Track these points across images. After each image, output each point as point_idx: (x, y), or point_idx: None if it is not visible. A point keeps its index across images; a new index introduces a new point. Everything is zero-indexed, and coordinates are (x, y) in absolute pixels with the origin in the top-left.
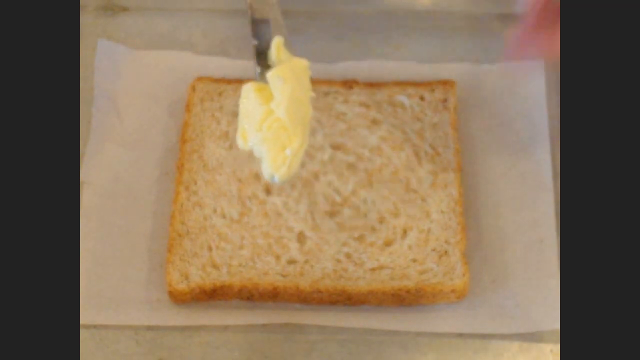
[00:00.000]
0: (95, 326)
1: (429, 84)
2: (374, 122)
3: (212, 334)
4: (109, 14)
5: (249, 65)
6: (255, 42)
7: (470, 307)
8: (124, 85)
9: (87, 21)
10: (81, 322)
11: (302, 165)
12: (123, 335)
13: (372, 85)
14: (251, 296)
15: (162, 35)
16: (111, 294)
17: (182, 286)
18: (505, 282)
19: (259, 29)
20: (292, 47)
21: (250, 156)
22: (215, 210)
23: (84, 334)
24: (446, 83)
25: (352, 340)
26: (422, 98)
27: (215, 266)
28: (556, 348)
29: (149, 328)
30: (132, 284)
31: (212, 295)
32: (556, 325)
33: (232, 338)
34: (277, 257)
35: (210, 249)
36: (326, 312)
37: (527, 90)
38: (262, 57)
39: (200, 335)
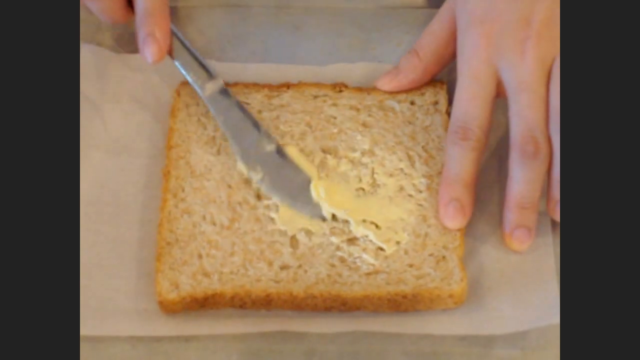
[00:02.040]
0: (84, 337)
1: (419, 88)
2: (365, 125)
3: (209, 339)
4: None
5: (236, 66)
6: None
7: (468, 311)
8: (108, 90)
9: (85, 16)
10: None
11: None
12: (119, 340)
13: (362, 90)
14: (244, 304)
15: None
16: (99, 304)
17: (172, 295)
18: (502, 287)
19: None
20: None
21: (237, 162)
22: (204, 217)
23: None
24: (436, 85)
25: (352, 347)
26: (412, 103)
27: (206, 274)
28: (558, 356)
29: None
30: (120, 293)
31: (203, 304)
32: (555, 320)
33: (230, 343)
34: (270, 263)
35: (200, 256)
36: (323, 318)
37: None
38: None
39: (197, 340)
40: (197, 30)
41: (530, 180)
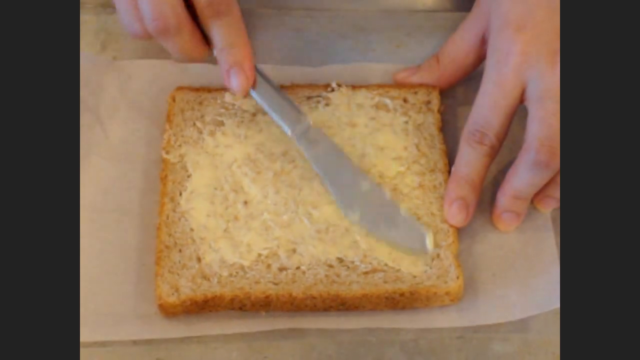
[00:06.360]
0: (88, 343)
1: (412, 86)
2: (357, 124)
3: (209, 338)
4: (108, 11)
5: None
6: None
7: (472, 301)
8: (106, 97)
9: (87, 18)
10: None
11: (287, 171)
12: (119, 342)
13: (355, 87)
14: (243, 306)
15: None
16: (103, 310)
17: (172, 299)
18: (505, 274)
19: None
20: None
21: (233, 165)
22: (201, 221)
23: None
24: (429, 85)
25: (351, 341)
26: (405, 100)
27: (205, 277)
28: (556, 351)
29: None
30: (124, 298)
31: (203, 307)
32: (556, 304)
33: (231, 339)
34: (268, 265)
35: (199, 259)
36: (323, 317)
37: None
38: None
39: (197, 339)
40: None
41: (533, 184)
